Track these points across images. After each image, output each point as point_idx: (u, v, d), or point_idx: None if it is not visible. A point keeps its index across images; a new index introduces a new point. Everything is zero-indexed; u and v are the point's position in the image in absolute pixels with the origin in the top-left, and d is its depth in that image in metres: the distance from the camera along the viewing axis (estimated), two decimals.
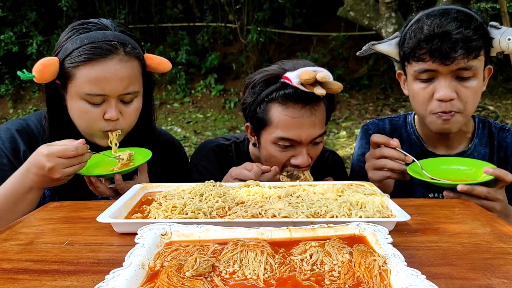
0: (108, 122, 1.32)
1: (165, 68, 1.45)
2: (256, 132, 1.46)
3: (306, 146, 1.39)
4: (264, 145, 1.43)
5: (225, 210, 0.98)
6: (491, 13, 7.06)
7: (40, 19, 8.12)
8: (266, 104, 1.38)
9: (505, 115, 6.84)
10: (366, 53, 1.44)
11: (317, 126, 1.37)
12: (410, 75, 1.39)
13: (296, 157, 1.39)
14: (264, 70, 1.43)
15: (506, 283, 0.68)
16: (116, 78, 1.29)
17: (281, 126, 1.36)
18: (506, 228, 0.93)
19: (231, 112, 7.93)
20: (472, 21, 1.28)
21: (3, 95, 8.30)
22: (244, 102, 1.46)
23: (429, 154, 1.51)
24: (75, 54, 1.28)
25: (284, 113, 1.35)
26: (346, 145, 5.92)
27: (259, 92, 1.40)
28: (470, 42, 1.25)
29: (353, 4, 5.50)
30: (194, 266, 0.65)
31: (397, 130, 1.60)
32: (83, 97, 1.29)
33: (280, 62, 1.44)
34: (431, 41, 1.27)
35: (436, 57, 1.28)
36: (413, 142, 1.54)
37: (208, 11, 8.67)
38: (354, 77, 8.31)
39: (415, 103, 1.41)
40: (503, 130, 1.53)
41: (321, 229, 0.82)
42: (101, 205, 1.07)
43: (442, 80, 1.32)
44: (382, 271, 0.65)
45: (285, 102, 1.34)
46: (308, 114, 1.34)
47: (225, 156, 1.60)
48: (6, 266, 0.74)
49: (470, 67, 1.29)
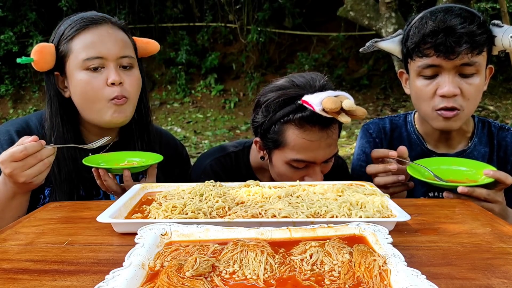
0: (113, 88, 1.30)
1: (154, 47, 1.47)
2: (268, 149, 1.43)
3: (320, 166, 1.37)
4: (276, 163, 1.40)
5: (225, 210, 0.98)
6: (491, 13, 7.07)
7: (40, 19, 8.12)
8: (281, 125, 1.33)
9: (505, 115, 6.84)
10: (369, 49, 1.43)
11: (332, 146, 1.36)
12: (413, 71, 1.39)
13: (310, 176, 1.37)
14: (277, 88, 1.36)
15: (506, 283, 0.68)
16: (111, 40, 1.31)
17: (297, 148, 1.33)
18: (506, 228, 0.93)
19: (231, 112, 7.93)
20: (475, 18, 1.29)
21: (3, 95, 8.30)
22: (255, 120, 1.42)
23: (429, 153, 1.51)
24: (67, 30, 1.31)
25: (301, 136, 1.31)
26: (346, 145, 5.92)
27: (273, 112, 1.35)
28: (475, 37, 1.26)
29: (353, 4, 5.50)
30: (194, 266, 0.65)
31: (397, 129, 1.59)
32: (82, 66, 1.29)
33: (290, 77, 1.38)
34: (436, 35, 1.28)
35: (441, 51, 1.28)
36: (413, 141, 1.55)
37: (208, 11, 8.68)
38: (354, 77, 8.31)
39: (418, 100, 1.41)
40: (502, 129, 1.54)
41: (321, 229, 0.82)
42: (101, 205, 1.07)
43: (445, 76, 1.32)
44: (382, 271, 0.65)
45: (302, 125, 1.30)
46: (325, 136, 1.32)
47: (224, 171, 1.55)
48: (6, 266, 0.74)
49: (474, 63, 1.30)
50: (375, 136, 1.58)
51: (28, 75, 8.53)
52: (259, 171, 1.57)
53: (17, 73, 8.51)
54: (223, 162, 1.56)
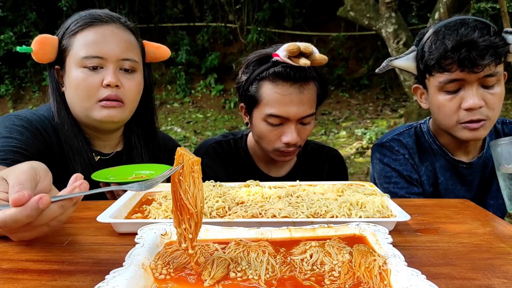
0: (107, 89, 1.25)
1: (164, 53, 1.43)
2: (249, 111, 1.51)
3: (295, 125, 1.43)
4: (255, 122, 1.48)
5: (225, 210, 0.98)
6: (491, 13, 7.07)
7: (40, 19, 8.13)
8: (257, 82, 1.43)
9: (505, 115, 6.84)
10: (385, 69, 1.44)
11: (305, 105, 1.41)
12: (433, 87, 1.38)
13: (286, 135, 1.43)
14: (259, 51, 1.49)
15: (506, 283, 0.68)
16: (114, 40, 1.27)
17: (270, 103, 1.41)
18: (506, 228, 0.93)
19: (231, 112, 7.93)
20: (490, 28, 1.30)
21: (3, 95, 8.30)
22: (238, 81, 1.52)
23: (455, 162, 1.50)
24: (72, 25, 1.29)
25: (273, 90, 1.40)
26: (346, 145, 5.92)
27: (252, 71, 1.45)
28: (497, 49, 1.27)
29: (353, 4, 5.51)
30: (211, 273, 0.64)
31: (419, 139, 1.56)
32: (80, 63, 1.24)
33: (275, 45, 1.46)
34: (459, 50, 1.27)
35: (465, 66, 1.28)
36: (436, 151, 1.52)
37: (208, 11, 8.68)
38: (354, 77, 8.32)
39: (441, 115, 1.40)
40: (505, 124, 1.57)
41: (321, 229, 0.82)
42: (101, 205, 1.06)
43: (469, 90, 1.32)
44: (382, 271, 0.65)
45: (275, 80, 1.39)
46: (297, 91, 1.39)
47: (225, 152, 1.63)
48: (6, 266, 0.74)
49: (496, 73, 1.31)
50: (403, 152, 1.52)
51: (28, 75, 8.53)
52: (255, 155, 1.64)
53: (17, 73, 8.51)
54: (224, 146, 1.65)
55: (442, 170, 1.50)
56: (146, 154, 1.44)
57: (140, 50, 1.37)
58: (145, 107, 1.42)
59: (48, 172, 0.77)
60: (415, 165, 1.51)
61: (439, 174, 1.50)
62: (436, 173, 1.50)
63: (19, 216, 0.65)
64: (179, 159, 0.68)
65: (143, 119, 1.43)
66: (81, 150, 1.29)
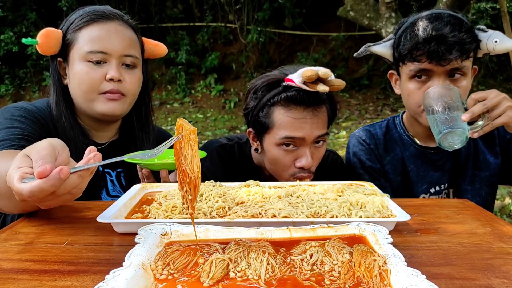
0: (110, 83, 1.32)
1: (162, 50, 1.49)
2: (259, 137, 1.47)
3: (309, 148, 1.40)
4: (268, 148, 1.44)
5: (225, 210, 0.98)
6: (491, 13, 7.06)
7: (40, 19, 8.13)
8: (268, 108, 1.40)
9: None
10: (363, 54, 1.52)
11: (319, 127, 1.39)
12: (405, 74, 1.47)
13: (300, 159, 1.40)
14: (266, 75, 1.45)
15: (506, 283, 0.68)
16: (118, 37, 1.33)
17: (284, 126, 1.37)
18: (506, 228, 0.93)
19: (231, 112, 7.93)
20: (463, 24, 1.37)
21: (3, 95, 8.30)
22: (246, 107, 1.48)
23: (422, 149, 1.58)
24: (77, 20, 1.33)
25: (286, 114, 1.37)
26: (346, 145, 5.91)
27: (261, 96, 1.42)
28: (464, 45, 1.34)
29: (353, 4, 5.51)
30: (209, 274, 0.65)
31: (389, 132, 1.66)
32: (84, 58, 1.30)
33: (281, 68, 1.45)
34: (428, 43, 1.35)
35: (433, 58, 1.36)
36: (405, 141, 1.61)
37: (208, 11, 8.68)
38: (354, 77, 8.31)
39: (410, 101, 1.49)
40: None
41: (321, 229, 0.82)
42: (101, 205, 1.07)
43: (436, 80, 1.40)
44: (382, 271, 0.65)
45: (288, 105, 1.37)
46: (311, 115, 1.37)
47: (228, 157, 1.60)
48: (6, 266, 0.74)
49: (462, 67, 1.39)
50: (369, 142, 1.63)
51: (28, 75, 8.53)
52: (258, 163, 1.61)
53: (17, 73, 8.51)
54: (229, 150, 1.62)
55: (412, 159, 1.58)
56: (141, 143, 1.49)
57: (140, 46, 1.43)
58: (141, 100, 1.48)
59: (65, 147, 0.83)
60: (379, 156, 1.61)
61: (408, 162, 1.59)
62: (404, 162, 1.59)
63: (44, 186, 0.73)
64: (179, 129, 0.77)
65: (139, 110, 1.49)
66: (77, 141, 1.34)
